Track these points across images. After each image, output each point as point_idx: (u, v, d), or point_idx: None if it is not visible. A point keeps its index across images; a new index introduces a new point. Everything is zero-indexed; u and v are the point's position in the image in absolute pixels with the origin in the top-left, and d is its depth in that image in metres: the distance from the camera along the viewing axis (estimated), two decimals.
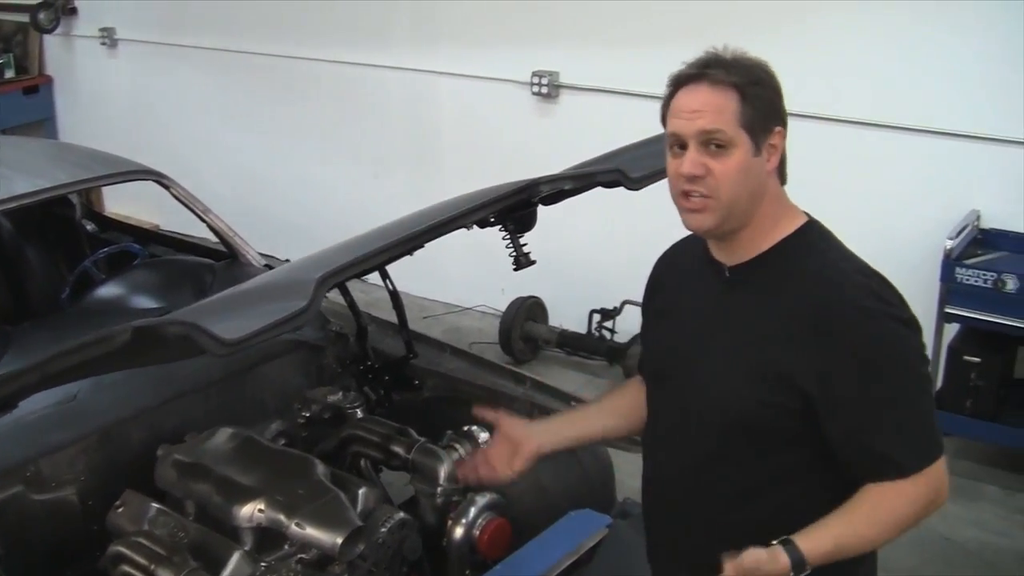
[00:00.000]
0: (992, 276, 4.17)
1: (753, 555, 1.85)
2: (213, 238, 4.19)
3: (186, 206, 3.97)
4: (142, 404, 3.13)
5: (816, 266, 1.97)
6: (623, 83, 5.50)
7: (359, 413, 3.33)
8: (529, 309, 5.76)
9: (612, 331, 5.62)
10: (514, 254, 2.72)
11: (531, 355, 5.80)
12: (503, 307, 5.85)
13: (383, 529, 2.78)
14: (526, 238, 2.80)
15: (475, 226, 2.47)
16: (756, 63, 1.97)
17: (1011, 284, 4.14)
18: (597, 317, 5.65)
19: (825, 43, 4.80)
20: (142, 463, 2.98)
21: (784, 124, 1.98)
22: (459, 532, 2.93)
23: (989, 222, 4.60)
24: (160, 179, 3.95)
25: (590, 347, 5.63)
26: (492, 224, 2.63)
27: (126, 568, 2.59)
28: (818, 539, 1.89)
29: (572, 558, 2.74)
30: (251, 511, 2.69)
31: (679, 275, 2.20)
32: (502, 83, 5.91)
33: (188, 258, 4.03)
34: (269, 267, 4.03)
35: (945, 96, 4.62)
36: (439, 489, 2.98)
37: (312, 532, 2.61)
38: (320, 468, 2.85)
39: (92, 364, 2.18)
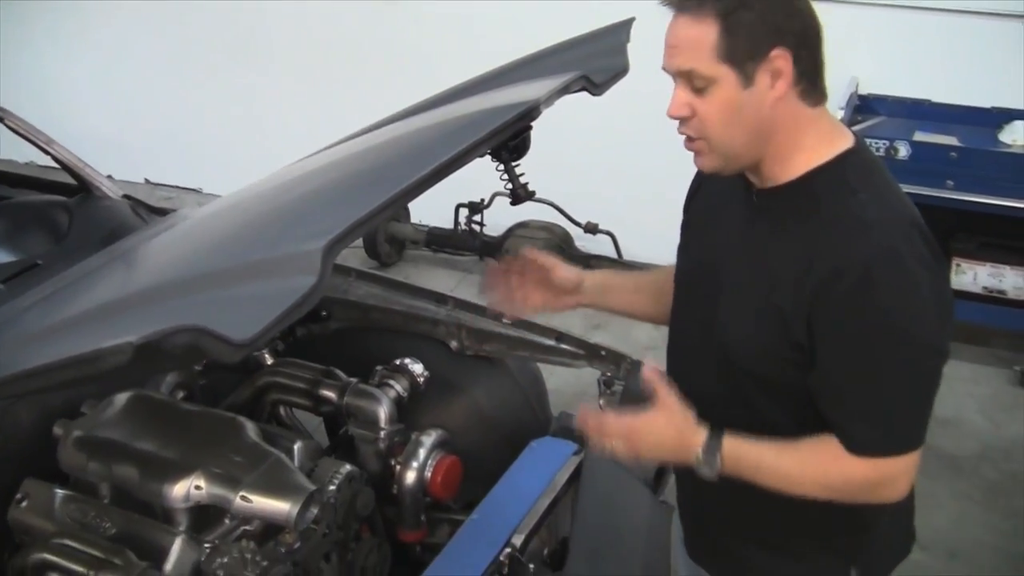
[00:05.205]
0: (884, 144, 4.11)
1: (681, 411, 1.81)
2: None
3: (26, 138, 3.45)
4: None
5: (840, 207, 1.73)
6: None
7: (266, 355, 3.01)
8: None
9: (481, 224, 5.37)
10: (510, 187, 2.40)
11: (397, 257, 5.50)
12: None
13: (331, 487, 2.50)
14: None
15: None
16: None
17: (903, 151, 4.10)
18: (465, 212, 5.38)
19: None
20: (37, 446, 2.59)
21: (788, 44, 1.67)
22: (411, 476, 2.68)
23: (866, 87, 4.54)
24: None
25: (461, 244, 5.39)
26: (483, 155, 2.31)
27: None
28: (746, 449, 1.78)
29: (551, 495, 2.53)
30: (186, 489, 2.35)
31: (719, 183, 1.95)
32: None
33: (35, 197, 3.51)
34: (128, 197, 3.58)
35: None
36: (382, 433, 2.72)
37: (261, 505, 2.30)
38: (250, 428, 2.53)
39: (76, 382, 1.83)
